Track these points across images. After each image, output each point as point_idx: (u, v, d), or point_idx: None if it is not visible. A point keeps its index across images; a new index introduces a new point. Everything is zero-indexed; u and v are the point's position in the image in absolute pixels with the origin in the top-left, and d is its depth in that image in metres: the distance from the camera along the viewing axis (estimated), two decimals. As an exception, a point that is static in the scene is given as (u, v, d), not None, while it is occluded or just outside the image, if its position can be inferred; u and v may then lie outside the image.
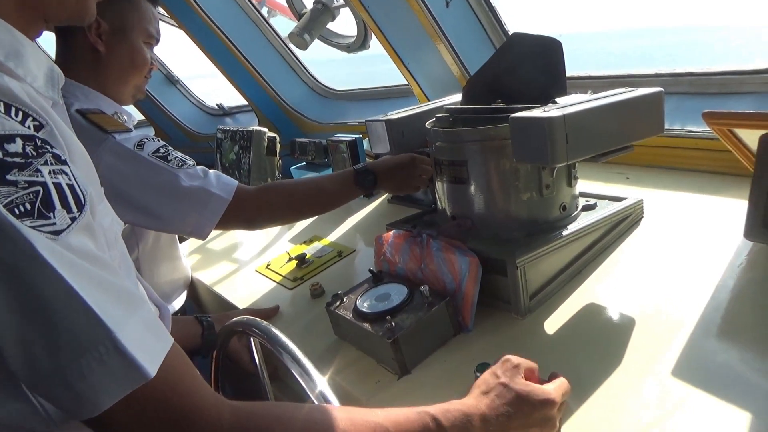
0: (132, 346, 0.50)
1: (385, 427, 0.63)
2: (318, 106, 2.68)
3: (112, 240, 0.64)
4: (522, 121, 0.91)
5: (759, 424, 0.67)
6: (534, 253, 0.99)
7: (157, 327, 0.57)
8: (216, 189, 1.21)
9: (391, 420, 0.64)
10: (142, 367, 0.51)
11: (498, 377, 0.72)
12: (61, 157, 0.54)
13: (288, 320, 1.28)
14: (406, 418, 0.65)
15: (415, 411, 0.66)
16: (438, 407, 0.68)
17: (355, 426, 0.62)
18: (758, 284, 0.91)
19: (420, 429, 0.64)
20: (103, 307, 0.49)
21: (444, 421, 0.66)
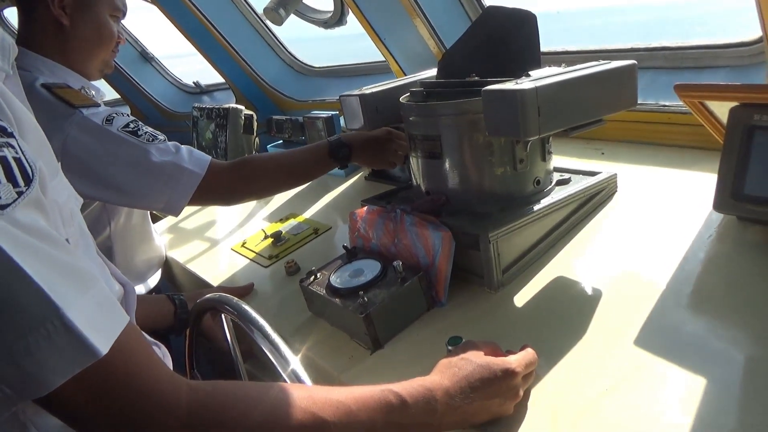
0: (82, 324, 0.49)
1: (346, 405, 0.63)
2: (296, 83, 2.64)
3: (68, 216, 0.62)
4: (494, 93, 0.90)
5: (718, 389, 0.69)
6: (507, 228, 0.99)
7: (110, 305, 0.55)
8: (188, 164, 1.19)
9: (353, 397, 0.64)
10: (92, 345, 0.50)
11: (459, 355, 0.73)
12: (7, 129, 0.52)
13: (263, 298, 1.28)
14: (369, 396, 0.65)
15: (378, 388, 0.66)
16: (401, 384, 0.68)
17: (316, 404, 0.62)
18: (726, 255, 0.93)
19: (382, 406, 0.65)
20: (51, 285, 0.48)
21: (407, 397, 0.66)
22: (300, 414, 0.60)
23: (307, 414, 0.61)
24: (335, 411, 0.62)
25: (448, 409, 0.67)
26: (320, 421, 0.61)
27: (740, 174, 0.90)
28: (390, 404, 0.65)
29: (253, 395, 0.61)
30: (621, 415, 0.70)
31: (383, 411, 0.64)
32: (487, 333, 0.92)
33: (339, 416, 0.62)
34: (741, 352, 0.75)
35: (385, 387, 0.67)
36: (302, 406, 0.61)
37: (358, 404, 0.63)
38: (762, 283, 0.84)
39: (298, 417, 0.60)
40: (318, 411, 0.61)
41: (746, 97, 0.88)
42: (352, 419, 0.63)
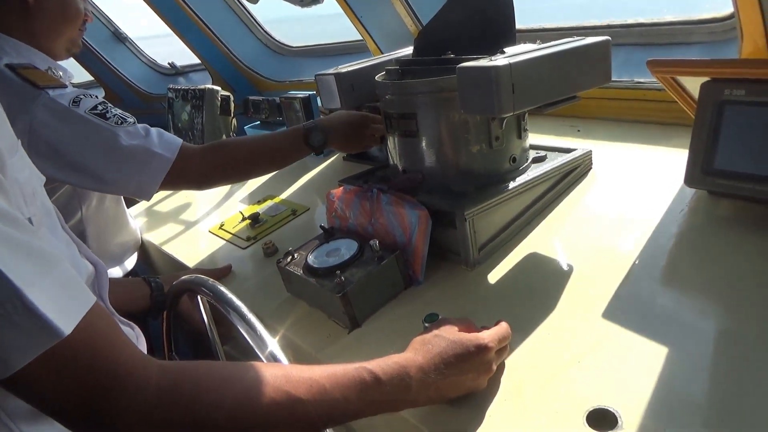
0: (43, 304, 0.49)
1: (320, 383, 0.63)
2: (273, 63, 2.60)
3: (30, 194, 0.61)
4: (468, 71, 0.89)
5: (684, 360, 0.70)
6: (482, 205, 1.00)
7: (75, 286, 0.55)
8: (158, 148, 1.17)
9: (327, 376, 0.64)
10: (54, 325, 0.49)
11: (433, 331, 0.74)
12: None
13: (241, 279, 1.27)
14: (343, 374, 0.65)
15: (352, 366, 0.67)
16: (375, 362, 0.68)
17: (290, 383, 0.62)
18: (697, 229, 0.94)
19: (356, 383, 0.65)
20: (10, 265, 0.47)
21: (381, 374, 0.66)
22: (274, 393, 0.61)
23: (281, 393, 0.61)
24: (309, 389, 0.63)
25: (422, 385, 0.68)
26: (294, 399, 0.61)
27: (711, 149, 0.91)
28: (364, 382, 0.65)
29: (226, 374, 0.61)
30: (584, 385, 0.71)
31: (357, 389, 0.65)
32: (464, 310, 0.93)
33: (313, 394, 0.62)
34: (710, 323, 0.77)
35: (360, 365, 0.67)
36: (276, 385, 0.61)
37: (332, 382, 0.64)
38: (731, 256, 0.86)
39: (272, 395, 0.60)
40: (292, 390, 0.62)
41: (717, 72, 0.89)
42: (327, 397, 0.63)
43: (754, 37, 1.00)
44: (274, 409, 0.60)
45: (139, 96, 3.47)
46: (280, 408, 0.61)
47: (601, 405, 0.68)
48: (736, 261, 0.84)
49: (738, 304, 0.77)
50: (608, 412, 0.67)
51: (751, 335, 0.72)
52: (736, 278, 0.81)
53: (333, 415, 0.64)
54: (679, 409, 0.65)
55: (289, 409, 0.61)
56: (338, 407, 0.63)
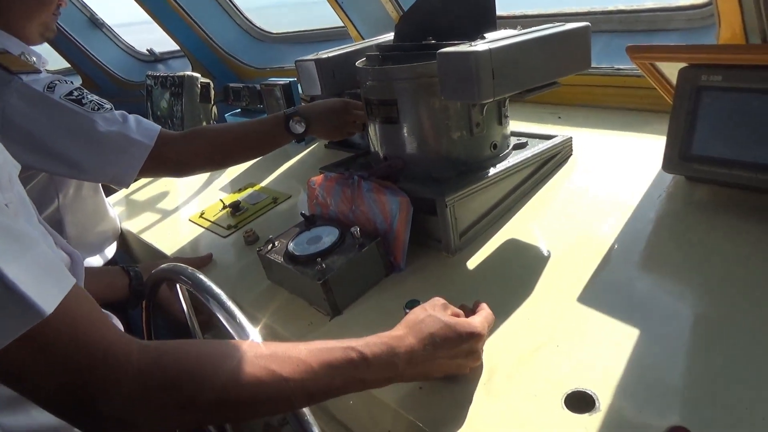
0: (22, 283, 0.48)
1: (307, 362, 0.63)
2: (253, 50, 2.56)
3: (6, 181, 0.60)
4: (448, 56, 0.89)
5: (655, 342, 0.71)
6: (463, 192, 1.00)
7: (54, 267, 0.54)
8: (136, 134, 1.15)
9: (314, 354, 0.64)
10: (35, 304, 0.49)
11: (425, 310, 0.73)
12: None
13: (223, 268, 1.26)
14: (331, 353, 0.65)
15: (341, 346, 0.66)
16: (363, 340, 0.68)
17: (275, 362, 0.61)
18: (675, 214, 0.95)
19: (344, 363, 0.65)
20: None
21: (369, 354, 0.66)
22: (259, 371, 0.60)
23: (266, 371, 0.61)
24: (296, 368, 0.62)
25: (409, 365, 0.68)
26: (280, 378, 0.61)
27: (688, 134, 0.92)
28: (352, 361, 0.65)
29: (209, 352, 0.61)
30: (562, 369, 0.72)
31: (345, 368, 0.65)
32: (446, 296, 0.91)
33: (299, 373, 0.62)
34: (686, 306, 0.78)
35: (348, 345, 0.67)
36: (262, 364, 0.61)
37: (320, 362, 0.63)
38: (708, 240, 0.87)
39: (256, 374, 0.60)
40: (278, 368, 0.61)
41: (694, 58, 0.89)
42: (313, 376, 0.63)
43: (732, 23, 1.00)
44: (259, 387, 0.60)
45: (117, 83, 3.40)
46: (265, 386, 0.60)
47: (579, 388, 0.69)
48: (712, 245, 0.85)
49: (713, 287, 0.79)
50: (586, 395, 0.68)
51: (727, 317, 0.73)
52: (712, 262, 0.82)
53: (317, 393, 0.64)
54: (655, 391, 0.66)
55: (274, 387, 0.61)
56: (323, 386, 0.63)
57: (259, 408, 0.61)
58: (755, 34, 1.00)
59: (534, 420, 0.67)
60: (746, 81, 0.85)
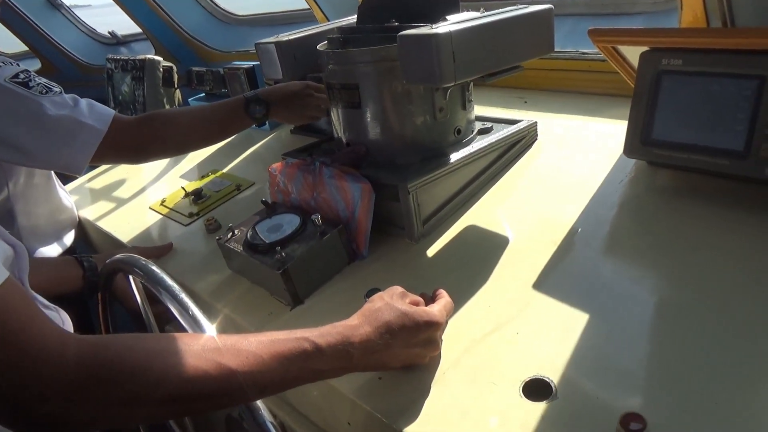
0: None
1: (257, 354, 0.61)
2: (218, 32, 2.50)
3: None
4: (409, 38, 0.87)
5: (614, 325, 0.71)
6: (426, 178, 0.98)
7: None
8: (88, 119, 1.11)
9: (265, 345, 0.62)
10: None
11: (382, 299, 0.72)
12: None
13: (183, 257, 1.23)
14: (283, 344, 0.63)
15: (293, 336, 0.65)
16: (317, 330, 0.66)
17: (222, 354, 0.59)
18: (635, 199, 0.95)
19: (297, 354, 0.63)
20: None
21: (323, 344, 0.64)
22: (205, 364, 0.58)
23: (212, 364, 0.59)
24: (244, 360, 0.60)
25: (364, 354, 0.66)
26: (228, 371, 0.59)
27: (649, 119, 0.92)
28: (305, 352, 0.63)
29: (151, 346, 0.58)
30: (520, 356, 0.72)
31: (297, 359, 0.63)
32: (408, 283, 0.90)
33: (249, 365, 0.60)
34: (644, 291, 0.78)
35: (301, 335, 0.65)
36: (207, 357, 0.59)
37: (271, 353, 0.61)
38: (667, 225, 0.87)
39: (202, 367, 0.58)
40: (225, 361, 0.59)
41: (655, 42, 0.89)
42: (264, 368, 0.61)
43: (693, 7, 1.00)
44: (207, 381, 0.58)
45: (78, 67, 3.29)
46: (212, 379, 0.58)
47: (537, 375, 0.68)
48: (671, 230, 0.86)
49: (672, 273, 0.79)
50: (543, 382, 0.67)
51: (686, 303, 0.73)
52: (671, 247, 0.83)
53: (270, 385, 0.62)
54: (612, 378, 0.66)
55: (223, 380, 0.59)
56: (276, 377, 0.62)
57: (208, 402, 0.59)
58: (716, 17, 1.00)
59: (492, 408, 0.66)
60: (706, 65, 0.85)
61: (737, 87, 0.82)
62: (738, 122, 0.82)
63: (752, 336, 0.66)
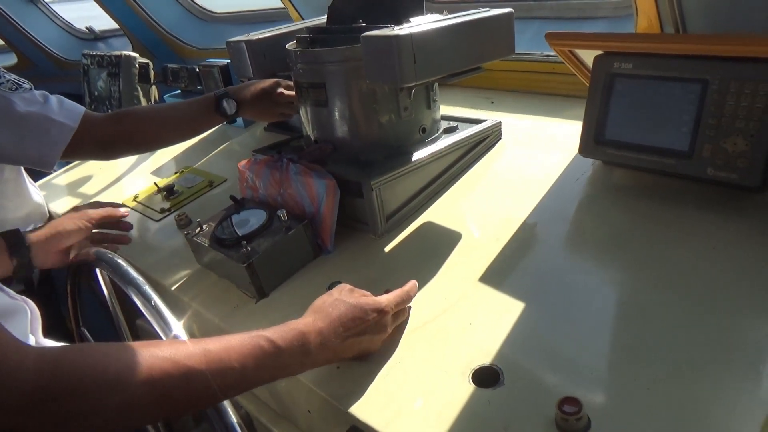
0: None
1: (215, 353, 0.63)
2: (196, 29, 2.50)
3: None
4: (371, 39, 0.90)
5: (561, 315, 0.75)
6: (389, 175, 1.01)
7: None
8: (58, 116, 1.12)
9: (223, 346, 0.64)
10: None
11: (332, 296, 0.75)
12: None
13: (153, 251, 1.24)
14: (240, 343, 0.65)
15: (249, 335, 0.67)
16: (274, 329, 0.69)
17: (180, 354, 0.61)
18: (589, 197, 0.99)
19: (254, 351, 0.65)
20: None
21: (279, 341, 0.67)
22: (163, 364, 0.60)
23: (170, 363, 0.60)
24: (202, 359, 0.62)
25: (321, 349, 0.69)
26: (185, 369, 0.60)
27: (602, 120, 0.96)
28: (262, 349, 0.66)
29: (108, 352, 0.59)
30: (472, 345, 0.75)
31: (255, 356, 0.65)
32: (371, 278, 0.95)
33: (207, 364, 0.61)
34: (591, 282, 0.82)
35: (258, 333, 0.67)
36: (165, 356, 0.60)
37: (229, 351, 0.63)
38: (616, 222, 0.91)
39: (161, 367, 0.59)
40: (184, 360, 0.61)
41: (608, 46, 0.92)
42: (222, 366, 0.63)
43: (647, 13, 1.04)
44: (165, 381, 0.59)
45: (55, 62, 3.26)
46: (171, 378, 0.60)
47: (486, 363, 0.72)
48: (620, 225, 0.90)
49: (617, 264, 0.83)
50: (492, 370, 0.71)
51: (628, 291, 0.77)
52: (618, 241, 0.87)
53: (231, 384, 0.64)
54: (557, 364, 0.69)
55: (182, 379, 0.60)
56: (235, 376, 0.63)
57: (169, 406, 0.61)
58: (669, 24, 1.04)
59: (442, 394, 0.69)
60: (654, 69, 0.89)
61: (682, 90, 0.86)
62: (683, 124, 0.87)
63: (689, 325, 0.70)
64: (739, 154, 0.81)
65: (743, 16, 0.96)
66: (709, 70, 0.83)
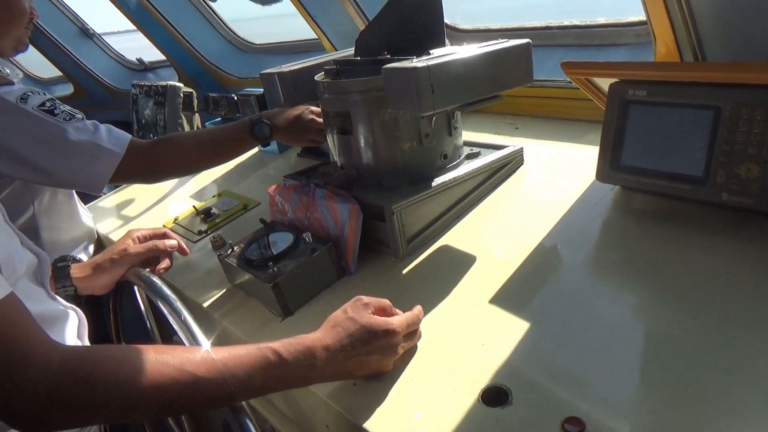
0: None
1: (223, 362, 0.68)
2: (236, 60, 2.63)
3: None
4: (392, 71, 0.95)
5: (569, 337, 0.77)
6: (410, 200, 1.05)
7: None
8: (107, 143, 1.21)
9: (231, 356, 0.69)
10: None
11: (346, 312, 0.79)
12: None
13: (190, 271, 1.31)
14: (247, 353, 0.70)
15: (256, 347, 0.72)
16: (282, 342, 0.73)
17: (191, 363, 0.67)
18: (606, 220, 1.01)
19: (261, 362, 0.70)
20: None
21: (285, 354, 0.72)
22: (172, 371, 0.65)
23: (179, 371, 0.66)
24: (210, 368, 0.67)
25: (327, 364, 0.73)
26: (195, 377, 0.66)
27: (618, 146, 0.97)
28: (268, 360, 0.70)
29: (122, 356, 0.65)
30: (483, 366, 0.77)
31: (261, 367, 0.70)
32: (391, 298, 0.97)
33: (214, 373, 0.67)
34: (601, 305, 0.83)
35: (265, 345, 0.72)
36: (174, 365, 0.66)
37: (236, 361, 0.69)
38: (632, 245, 0.92)
39: (170, 374, 0.65)
40: (193, 369, 0.67)
41: (621, 74, 0.95)
42: (228, 375, 0.68)
43: (665, 40, 1.06)
44: (172, 387, 0.65)
45: (107, 91, 3.46)
46: (178, 385, 0.65)
47: (496, 383, 0.74)
48: (635, 248, 0.91)
49: (628, 286, 0.84)
50: (501, 389, 0.73)
51: (637, 312, 0.78)
52: (632, 264, 0.88)
53: (236, 392, 0.69)
54: (567, 385, 0.71)
55: (189, 386, 0.66)
56: (241, 384, 0.68)
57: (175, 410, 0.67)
58: (687, 50, 1.06)
59: (452, 412, 0.72)
60: (667, 96, 0.90)
61: (695, 116, 0.87)
62: (697, 150, 0.88)
63: (700, 346, 0.71)
64: (753, 180, 0.81)
65: (761, 42, 0.97)
66: (720, 97, 0.84)
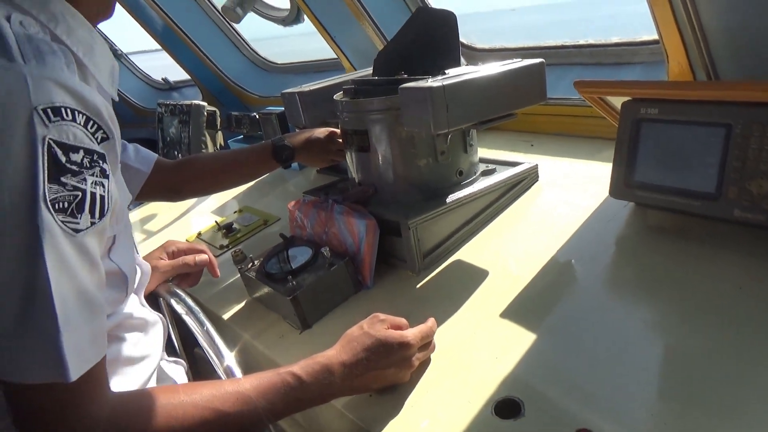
0: (69, 351, 0.57)
1: (246, 395, 0.71)
2: (259, 79, 2.70)
3: (120, 213, 0.72)
4: (408, 91, 0.98)
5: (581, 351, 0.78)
6: (426, 216, 1.07)
7: (100, 338, 0.63)
8: (134, 162, 1.25)
9: (253, 386, 0.73)
10: (67, 370, 0.57)
11: (362, 328, 0.81)
12: (106, 172, 0.63)
13: (212, 285, 1.34)
14: (268, 381, 0.74)
15: (276, 372, 0.75)
16: (299, 364, 0.76)
17: (218, 399, 0.70)
18: (620, 237, 1.02)
19: (281, 388, 0.73)
20: (65, 305, 0.57)
21: (305, 376, 0.74)
22: (203, 412, 0.69)
23: (209, 411, 0.69)
24: (235, 402, 0.71)
25: (345, 380, 0.76)
26: (222, 414, 0.70)
27: (631, 163, 0.99)
28: (288, 385, 0.74)
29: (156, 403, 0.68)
30: (496, 378, 0.79)
31: (282, 392, 0.73)
32: (407, 311, 1.00)
33: (239, 406, 0.70)
34: (612, 319, 0.84)
35: (285, 370, 0.75)
36: (204, 405, 0.69)
37: (258, 392, 0.72)
38: (645, 260, 0.93)
39: (201, 415, 0.69)
40: (220, 405, 0.70)
41: (633, 93, 0.96)
42: (252, 407, 0.71)
43: (678, 59, 1.08)
44: (202, 427, 0.69)
45: (133, 110, 3.57)
46: (209, 424, 0.69)
47: (509, 395, 0.75)
48: (647, 264, 0.92)
49: (641, 301, 0.85)
50: (513, 402, 0.74)
51: (648, 326, 0.79)
52: (644, 280, 0.89)
53: (259, 420, 0.72)
54: (579, 397, 0.72)
55: (218, 423, 0.69)
56: (264, 412, 0.72)
57: None
58: (700, 69, 1.07)
59: (465, 424, 0.73)
60: (678, 114, 0.92)
61: (707, 134, 0.89)
62: (709, 166, 0.89)
63: (711, 361, 0.71)
64: (765, 196, 0.82)
65: (773, 61, 0.98)
66: (731, 115, 0.85)
